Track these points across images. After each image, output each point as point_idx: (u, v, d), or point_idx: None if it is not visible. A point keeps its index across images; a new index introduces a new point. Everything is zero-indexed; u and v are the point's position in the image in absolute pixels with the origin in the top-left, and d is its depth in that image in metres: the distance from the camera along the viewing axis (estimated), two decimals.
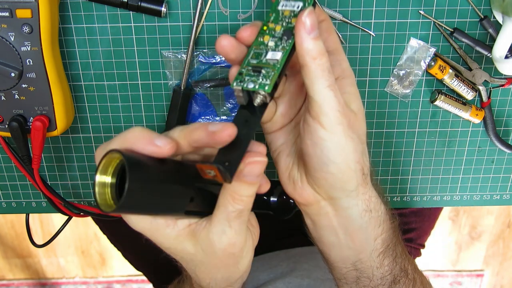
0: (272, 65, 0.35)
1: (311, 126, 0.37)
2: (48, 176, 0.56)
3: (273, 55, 0.36)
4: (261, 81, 0.35)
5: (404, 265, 0.45)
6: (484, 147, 0.56)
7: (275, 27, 0.37)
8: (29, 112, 0.47)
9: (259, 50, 0.36)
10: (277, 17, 0.37)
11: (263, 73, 0.35)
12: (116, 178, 0.32)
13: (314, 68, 0.35)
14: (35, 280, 1.66)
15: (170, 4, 0.48)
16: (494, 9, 0.48)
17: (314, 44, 0.35)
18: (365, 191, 0.40)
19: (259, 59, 0.36)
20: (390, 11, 0.48)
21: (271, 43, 0.36)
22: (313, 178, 0.39)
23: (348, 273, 0.44)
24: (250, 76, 0.36)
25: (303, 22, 0.34)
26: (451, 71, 0.50)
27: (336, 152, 0.37)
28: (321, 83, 0.35)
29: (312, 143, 0.37)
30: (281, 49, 0.36)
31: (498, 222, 1.56)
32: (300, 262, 0.69)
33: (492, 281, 1.67)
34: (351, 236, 0.42)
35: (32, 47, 0.44)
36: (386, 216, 0.42)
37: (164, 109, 0.53)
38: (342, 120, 0.37)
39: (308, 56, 0.35)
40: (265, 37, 0.37)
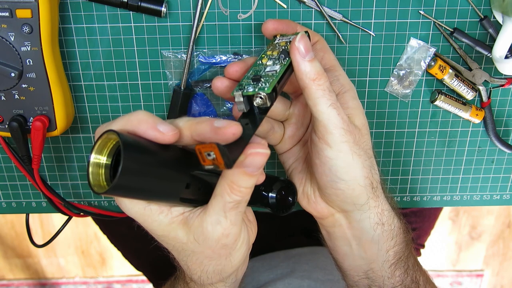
0: (271, 75, 0.36)
1: (318, 146, 0.38)
2: (48, 176, 0.56)
3: (272, 68, 0.37)
4: (261, 86, 0.36)
5: (416, 276, 0.45)
6: (484, 147, 0.56)
7: (273, 52, 0.39)
8: (29, 112, 0.47)
9: (258, 69, 0.38)
10: (273, 47, 0.39)
11: (262, 81, 0.36)
12: (112, 159, 0.31)
13: (314, 89, 0.36)
14: (35, 280, 1.66)
15: (170, 4, 0.48)
16: (494, 9, 0.48)
17: (311, 66, 0.36)
18: (377, 204, 0.41)
19: (258, 74, 0.37)
20: (390, 11, 0.48)
21: (269, 63, 0.38)
22: (324, 194, 0.41)
23: (359, 281, 0.45)
24: (250, 85, 0.37)
25: (297, 47, 0.36)
26: (451, 71, 0.50)
27: (344, 170, 0.38)
28: (324, 103, 0.36)
29: (320, 163, 0.38)
30: (279, 64, 0.37)
31: (498, 222, 1.56)
32: (300, 263, 0.69)
33: (492, 281, 1.67)
34: (363, 247, 0.42)
35: (32, 47, 0.44)
36: (399, 230, 0.43)
37: (164, 109, 0.53)
38: (348, 138, 0.37)
39: (306, 78, 0.36)
40: (264, 59, 0.39)
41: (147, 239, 0.38)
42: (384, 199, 0.42)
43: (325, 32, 0.49)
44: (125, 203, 0.35)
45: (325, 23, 0.49)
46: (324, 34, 0.49)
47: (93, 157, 0.31)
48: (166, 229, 0.36)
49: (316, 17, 0.48)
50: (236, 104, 0.37)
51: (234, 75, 0.39)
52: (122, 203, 0.36)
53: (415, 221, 0.83)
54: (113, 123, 0.33)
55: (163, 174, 0.32)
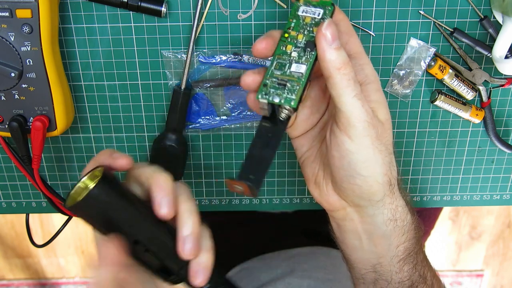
0: (296, 78, 0.35)
1: (339, 138, 0.37)
2: (48, 176, 0.56)
3: (297, 68, 0.35)
4: (287, 96, 0.35)
5: (424, 272, 0.45)
6: (484, 147, 0.56)
7: (297, 35, 0.36)
8: (29, 112, 0.47)
9: (282, 60, 0.36)
10: (298, 23, 0.36)
11: (288, 87, 0.35)
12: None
13: (339, 78, 0.35)
14: (35, 280, 1.66)
15: (170, 4, 0.48)
16: (494, 9, 0.48)
17: (337, 54, 0.34)
18: (392, 201, 0.40)
19: (283, 70, 0.36)
20: (390, 11, 0.48)
21: (294, 54, 0.36)
22: (339, 188, 0.40)
23: (366, 274, 0.44)
24: (275, 89, 0.35)
25: (323, 34, 0.34)
26: (451, 71, 0.50)
27: (363, 166, 0.37)
28: (348, 94, 0.35)
29: (340, 156, 0.37)
30: (305, 61, 0.36)
31: (498, 222, 1.56)
32: (300, 263, 0.69)
33: (492, 281, 1.67)
34: (374, 241, 0.42)
35: (32, 47, 0.44)
36: (411, 226, 0.42)
37: (164, 109, 0.53)
38: (370, 132, 0.36)
39: (332, 67, 0.34)
40: (288, 46, 0.36)
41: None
42: (399, 194, 0.41)
43: None
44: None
45: None
46: None
47: (85, 179, 0.34)
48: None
49: None
50: (260, 108, 0.36)
51: (262, 52, 0.37)
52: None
53: None
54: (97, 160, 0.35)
55: (122, 215, 0.34)
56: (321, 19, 0.36)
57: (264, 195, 0.58)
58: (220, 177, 0.57)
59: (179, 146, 0.52)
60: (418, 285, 0.44)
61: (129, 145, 0.55)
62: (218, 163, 0.56)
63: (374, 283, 0.44)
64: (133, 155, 0.55)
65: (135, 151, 0.55)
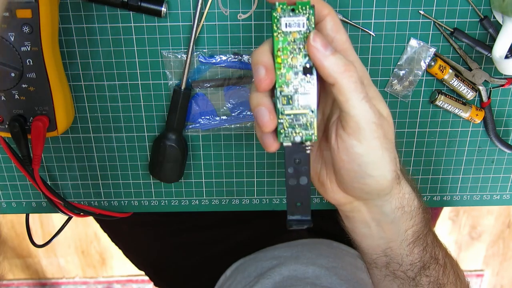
0: (308, 110, 0.35)
1: (347, 142, 0.36)
2: (48, 176, 0.56)
3: (305, 99, 0.35)
4: (305, 132, 0.36)
5: (435, 252, 0.45)
6: (484, 147, 0.56)
7: (291, 58, 0.35)
8: (29, 112, 0.47)
9: (287, 92, 0.36)
10: (285, 41, 0.35)
11: (303, 122, 0.36)
12: None
13: (345, 82, 0.34)
14: (35, 280, 1.66)
15: (170, 4, 0.48)
16: (494, 9, 0.48)
17: (336, 59, 0.34)
18: (399, 190, 0.41)
19: (292, 104, 0.36)
20: (390, 11, 0.48)
21: (296, 82, 0.35)
22: (347, 187, 0.40)
23: (378, 259, 0.45)
24: (293, 128, 0.36)
25: (313, 47, 0.34)
26: (451, 71, 0.50)
27: (373, 167, 0.37)
28: (356, 97, 0.34)
29: (349, 159, 0.37)
30: (309, 88, 0.35)
31: (498, 222, 1.56)
32: (303, 251, 0.69)
33: (492, 281, 1.67)
34: (382, 228, 0.42)
35: (32, 47, 0.44)
36: (418, 210, 0.43)
37: (164, 109, 0.53)
38: (379, 133, 0.36)
39: (334, 73, 0.34)
40: (287, 76, 0.35)
41: (148, 237, 0.38)
42: (405, 182, 0.41)
43: None
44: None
45: None
46: None
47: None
48: None
49: None
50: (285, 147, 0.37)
51: (269, 87, 0.36)
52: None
53: None
54: None
55: None
56: (306, 30, 0.35)
57: (264, 195, 0.58)
58: (220, 177, 0.57)
59: (179, 146, 0.52)
60: (430, 265, 0.44)
61: (129, 145, 0.55)
62: (218, 163, 0.56)
63: (386, 266, 0.45)
64: (133, 155, 0.55)
65: (135, 151, 0.55)
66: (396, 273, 0.44)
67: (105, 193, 0.58)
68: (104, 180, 0.57)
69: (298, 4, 0.34)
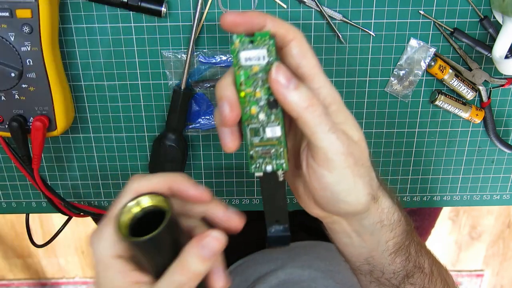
0: (276, 141, 0.35)
1: (317, 172, 0.36)
2: (48, 176, 0.56)
3: (272, 131, 0.35)
4: (276, 162, 0.36)
5: (419, 262, 0.45)
6: (484, 147, 0.56)
7: (254, 92, 0.34)
8: (29, 112, 0.47)
9: (254, 124, 0.35)
10: (247, 75, 0.33)
11: (273, 152, 0.35)
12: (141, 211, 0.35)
13: (309, 117, 0.33)
14: (35, 280, 1.66)
15: (170, 4, 0.48)
16: (494, 9, 0.48)
17: (299, 94, 0.32)
18: (377, 207, 0.41)
19: (260, 136, 0.35)
20: (390, 11, 0.48)
21: (262, 116, 0.34)
22: (324, 208, 0.40)
23: (361, 266, 0.45)
24: (263, 159, 0.36)
25: (275, 80, 0.32)
26: (451, 71, 0.50)
27: (346, 193, 0.37)
28: (322, 130, 0.33)
29: (321, 188, 0.37)
30: (275, 120, 0.34)
31: (498, 222, 1.56)
32: (300, 254, 0.69)
33: (492, 281, 1.67)
34: (363, 238, 0.43)
35: (32, 47, 0.44)
36: (399, 222, 0.43)
37: (164, 109, 0.53)
38: (349, 162, 0.35)
39: (298, 108, 0.33)
40: (252, 109, 0.34)
41: None
42: (384, 197, 0.41)
43: (325, 32, 0.49)
44: (95, 245, 0.35)
45: (325, 23, 0.49)
46: (324, 34, 0.49)
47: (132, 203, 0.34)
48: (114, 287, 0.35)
49: (316, 17, 0.48)
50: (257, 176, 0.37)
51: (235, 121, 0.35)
52: (93, 245, 0.35)
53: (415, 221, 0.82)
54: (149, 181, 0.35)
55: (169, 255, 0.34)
56: (267, 63, 0.33)
57: None
58: (220, 177, 0.57)
59: (179, 146, 0.52)
60: (414, 274, 0.45)
61: (129, 145, 0.55)
62: (218, 163, 0.56)
63: (370, 273, 0.45)
64: (133, 155, 0.55)
65: (135, 151, 0.55)
66: (380, 280, 0.45)
67: (105, 193, 0.58)
68: (104, 180, 0.57)
69: (257, 35, 0.32)
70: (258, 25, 0.33)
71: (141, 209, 0.34)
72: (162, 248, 0.34)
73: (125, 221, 0.33)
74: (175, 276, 0.34)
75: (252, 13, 0.33)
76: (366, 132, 0.55)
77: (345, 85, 0.52)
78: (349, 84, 0.52)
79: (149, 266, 0.35)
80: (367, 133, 0.54)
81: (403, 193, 0.59)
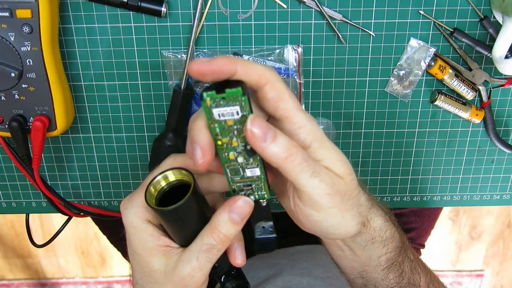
0: (256, 178, 0.35)
1: (304, 211, 0.36)
2: (48, 176, 0.56)
3: (252, 172, 0.35)
4: (258, 193, 0.37)
5: (414, 279, 0.45)
6: (484, 147, 0.56)
7: (231, 141, 0.33)
8: (29, 112, 0.47)
9: (233, 166, 0.35)
10: (222, 127, 0.32)
11: (254, 186, 0.36)
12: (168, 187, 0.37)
13: (290, 167, 0.33)
14: (35, 280, 1.66)
15: (170, 4, 0.48)
16: (494, 9, 0.48)
17: (277, 146, 0.32)
18: (367, 229, 0.41)
19: (240, 174, 0.35)
20: (390, 11, 0.48)
21: (240, 159, 0.34)
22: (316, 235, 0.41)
23: (355, 279, 0.46)
24: (245, 192, 0.37)
25: (252, 134, 0.31)
26: (451, 71, 0.50)
27: (335, 228, 0.37)
28: (303, 176, 0.33)
29: (309, 224, 0.37)
30: (254, 162, 0.34)
31: (498, 222, 1.56)
32: (299, 260, 0.69)
33: (492, 281, 1.67)
34: (355, 253, 0.43)
35: (32, 47, 0.44)
36: (392, 238, 0.43)
37: (164, 109, 0.53)
38: (335, 201, 0.35)
39: (278, 159, 0.32)
40: (230, 155, 0.34)
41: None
42: (375, 215, 0.41)
43: (325, 32, 0.49)
44: (128, 210, 0.37)
45: (325, 23, 0.49)
46: (324, 34, 0.49)
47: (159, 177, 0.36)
48: (147, 251, 0.37)
49: (316, 17, 0.49)
50: None
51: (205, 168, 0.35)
52: (125, 210, 0.37)
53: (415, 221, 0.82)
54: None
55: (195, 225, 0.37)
56: (242, 116, 0.31)
57: None
58: None
59: (179, 146, 0.52)
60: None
61: (129, 145, 0.55)
62: None
63: (364, 287, 0.45)
64: (133, 155, 0.55)
65: (135, 151, 0.55)
66: None
67: (105, 193, 0.58)
68: (104, 180, 0.57)
69: (228, 93, 0.30)
70: (228, 73, 0.31)
71: (167, 183, 0.36)
72: (187, 219, 0.36)
73: (152, 193, 0.36)
74: (206, 239, 0.35)
75: (220, 60, 0.31)
76: (366, 132, 0.55)
77: (345, 85, 0.52)
78: (349, 84, 0.52)
79: (175, 236, 0.38)
80: (367, 133, 0.54)
81: (403, 193, 0.59)
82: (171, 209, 0.34)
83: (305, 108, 0.53)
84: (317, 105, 0.53)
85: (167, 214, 0.35)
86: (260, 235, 0.41)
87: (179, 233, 0.38)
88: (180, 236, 0.38)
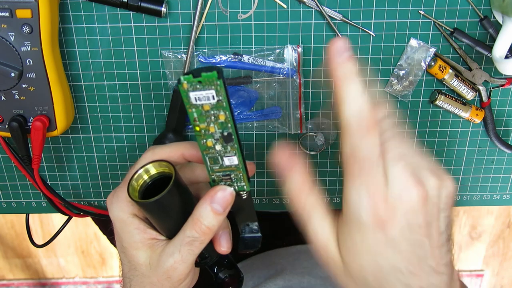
0: (235, 168, 0.36)
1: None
2: (48, 176, 0.56)
3: (230, 161, 0.36)
4: (237, 184, 0.37)
5: None
6: (484, 147, 0.56)
7: (208, 127, 0.34)
8: (29, 112, 0.47)
9: (212, 154, 0.35)
10: (199, 112, 0.33)
11: (233, 177, 0.36)
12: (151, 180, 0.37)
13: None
14: (35, 280, 1.66)
15: (170, 4, 0.48)
16: (494, 9, 0.48)
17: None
18: None
19: (219, 163, 0.36)
20: (390, 11, 0.48)
21: (218, 147, 0.35)
22: None
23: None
24: (225, 182, 0.37)
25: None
26: (451, 71, 0.50)
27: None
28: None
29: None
30: (231, 150, 0.35)
31: (498, 222, 1.56)
32: (299, 260, 0.69)
33: (492, 281, 1.67)
34: None
35: (32, 47, 0.44)
36: None
37: (164, 109, 0.53)
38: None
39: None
40: (208, 142, 0.35)
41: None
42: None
43: (325, 32, 0.49)
44: (114, 205, 0.38)
45: (325, 23, 0.49)
46: (324, 34, 0.49)
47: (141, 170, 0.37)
48: (133, 244, 0.38)
49: (316, 17, 0.49)
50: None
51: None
52: (111, 205, 0.38)
53: None
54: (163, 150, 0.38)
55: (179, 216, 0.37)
56: (217, 101, 0.32)
57: (264, 195, 0.58)
58: None
59: None
60: None
61: (129, 145, 0.55)
62: None
63: None
64: (133, 155, 0.55)
65: (135, 151, 0.55)
66: None
67: (105, 193, 0.58)
68: (104, 180, 0.57)
69: (204, 76, 0.31)
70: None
71: (149, 176, 0.37)
72: (170, 210, 0.36)
73: (135, 187, 0.36)
74: (188, 231, 0.36)
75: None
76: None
77: None
78: None
79: (161, 228, 0.38)
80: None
81: None
82: (153, 201, 0.34)
83: (305, 108, 0.53)
84: (317, 105, 0.53)
85: (150, 206, 0.35)
86: (245, 234, 0.41)
87: (164, 225, 0.38)
88: (166, 228, 0.38)
